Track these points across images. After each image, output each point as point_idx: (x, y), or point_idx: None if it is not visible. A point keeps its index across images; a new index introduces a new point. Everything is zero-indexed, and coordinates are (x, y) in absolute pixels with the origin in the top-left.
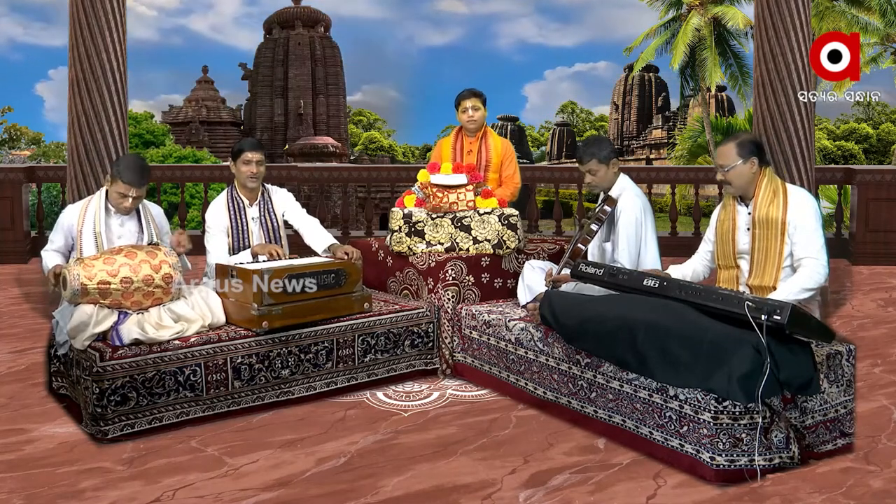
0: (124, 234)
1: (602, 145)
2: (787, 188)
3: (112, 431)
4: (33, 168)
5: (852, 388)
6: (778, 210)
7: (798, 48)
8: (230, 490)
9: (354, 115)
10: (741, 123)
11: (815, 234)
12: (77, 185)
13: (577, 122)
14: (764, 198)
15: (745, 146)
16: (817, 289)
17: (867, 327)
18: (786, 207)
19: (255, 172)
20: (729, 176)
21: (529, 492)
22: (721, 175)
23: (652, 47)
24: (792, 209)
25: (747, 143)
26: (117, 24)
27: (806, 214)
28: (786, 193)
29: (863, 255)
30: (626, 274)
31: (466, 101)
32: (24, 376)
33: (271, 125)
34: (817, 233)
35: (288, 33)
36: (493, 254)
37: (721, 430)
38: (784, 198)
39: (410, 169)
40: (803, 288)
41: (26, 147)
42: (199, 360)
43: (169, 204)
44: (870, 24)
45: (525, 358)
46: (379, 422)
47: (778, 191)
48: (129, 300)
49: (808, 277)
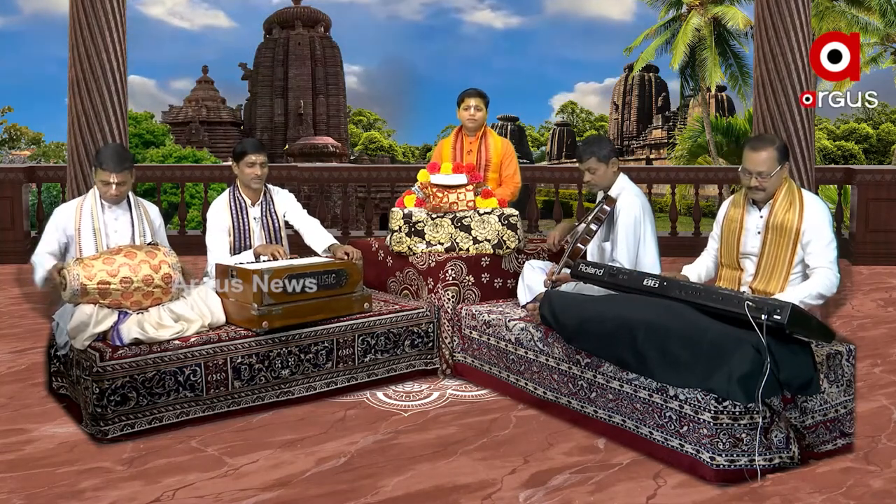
0: (119, 228)
1: (602, 144)
2: (802, 195)
3: (112, 431)
4: (33, 168)
5: (852, 388)
6: (794, 218)
7: (798, 48)
8: (230, 490)
9: (354, 115)
10: (741, 123)
11: (830, 246)
12: (77, 185)
13: (577, 122)
14: (782, 204)
15: (781, 151)
16: (829, 297)
17: (867, 327)
18: (801, 216)
19: (258, 174)
20: (767, 183)
21: (529, 492)
22: (756, 181)
23: (652, 47)
24: (808, 218)
25: (782, 148)
26: (117, 24)
27: (822, 225)
28: (802, 201)
29: (863, 255)
30: (626, 274)
31: (470, 100)
32: (24, 376)
33: (271, 125)
34: (832, 245)
35: (288, 33)
36: (493, 254)
37: (721, 430)
38: (800, 206)
39: (410, 169)
40: (818, 293)
41: (26, 147)
42: (199, 360)
43: (169, 204)
44: (870, 24)
45: (525, 358)
46: (379, 422)
47: (795, 198)
48: (129, 300)
49: (824, 285)
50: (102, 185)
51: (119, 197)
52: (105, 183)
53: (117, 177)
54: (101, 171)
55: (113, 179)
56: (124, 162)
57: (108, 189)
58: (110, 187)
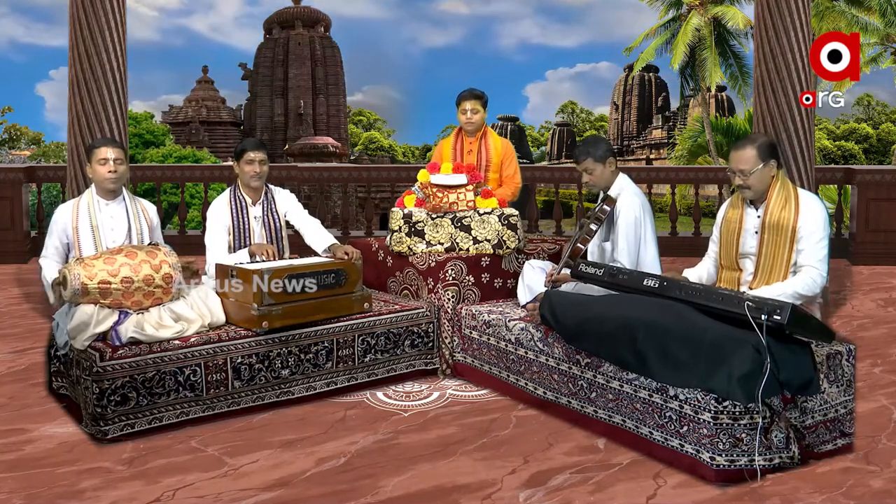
0: (116, 226)
1: (598, 144)
2: (798, 193)
3: (112, 431)
4: (33, 168)
5: (852, 388)
6: (790, 216)
7: (798, 48)
8: (230, 490)
9: (354, 115)
10: (741, 123)
11: (820, 245)
12: (77, 185)
13: (577, 122)
14: (777, 202)
15: (764, 149)
16: (810, 297)
17: (867, 327)
18: (797, 214)
19: (258, 172)
20: (750, 181)
21: (529, 492)
22: (741, 180)
23: (652, 47)
24: (803, 216)
25: (766, 146)
26: (117, 24)
27: (816, 223)
28: (797, 199)
29: (863, 255)
30: (626, 274)
31: (466, 103)
32: (24, 376)
33: (271, 125)
34: (823, 243)
35: (288, 33)
36: (493, 254)
37: (721, 430)
38: (796, 204)
39: (410, 169)
40: (797, 292)
41: (26, 147)
42: (199, 360)
43: (169, 204)
44: (870, 24)
45: (525, 358)
46: (379, 422)
47: (790, 196)
48: (130, 300)
49: (804, 284)
50: (100, 166)
51: (117, 178)
52: (103, 161)
53: (113, 152)
54: (97, 151)
55: (109, 155)
56: (117, 141)
57: (105, 168)
58: (108, 164)
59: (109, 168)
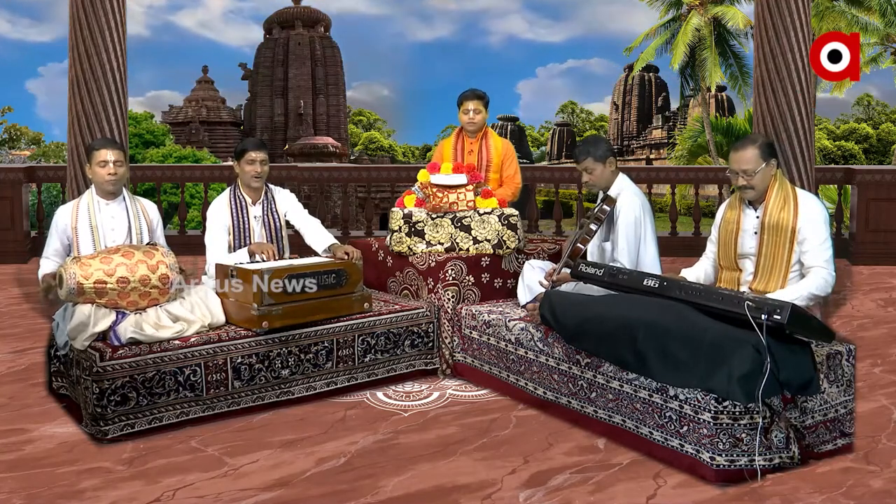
0: (116, 226)
1: (598, 144)
2: (797, 194)
3: (112, 431)
4: (33, 168)
5: (852, 388)
6: (789, 216)
7: (798, 48)
8: (230, 490)
9: (354, 115)
10: (741, 123)
11: (825, 245)
12: (77, 185)
13: (577, 122)
14: (776, 203)
15: (764, 148)
16: (823, 297)
17: (867, 327)
18: (796, 214)
19: (258, 172)
20: (754, 181)
21: (529, 492)
22: (744, 180)
23: (652, 47)
24: (802, 217)
25: (766, 145)
26: (117, 24)
27: (817, 224)
28: (796, 199)
29: (863, 255)
30: (626, 274)
31: (468, 103)
32: (24, 376)
33: (271, 125)
34: (827, 243)
35: (288, 33)
36: (493, 254)
37: (721, 430)
38: (795, 204)
39: (410, 169)
40: (812, 293)
41: (26, 147)
42: (199, 360)
43: (169, 204)
44: (870, 24)
45: (525, 358)
46: (379, 422)
47: (789, 196)
48: (126, 300)
49: (816, 284)
50: (100, 168)
51: (117, 180)
52: (102, 164)
53: (112, 154)
54: (96, 153)
55: (109, 157)
56: (118, 143)
57: (105, 170)
58: (108, 166)
59: (109, 170)
